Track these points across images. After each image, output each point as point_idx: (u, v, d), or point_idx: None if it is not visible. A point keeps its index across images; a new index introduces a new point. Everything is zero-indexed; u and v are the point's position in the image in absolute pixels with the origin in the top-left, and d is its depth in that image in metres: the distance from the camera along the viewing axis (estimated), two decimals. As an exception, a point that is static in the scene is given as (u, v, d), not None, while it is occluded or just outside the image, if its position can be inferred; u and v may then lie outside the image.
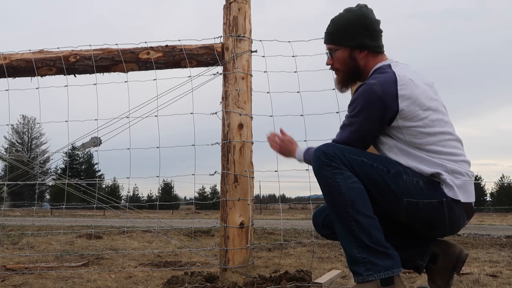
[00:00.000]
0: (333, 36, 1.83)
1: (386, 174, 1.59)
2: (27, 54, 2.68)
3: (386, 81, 1.60)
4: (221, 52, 2.56)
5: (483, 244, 5.31)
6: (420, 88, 1.62)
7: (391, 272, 1.53)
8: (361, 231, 1.54)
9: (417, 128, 1.60)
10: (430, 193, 1.58)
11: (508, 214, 26.44)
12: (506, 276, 2.81)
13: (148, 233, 6.28)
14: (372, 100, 1.59)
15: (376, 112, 1.60)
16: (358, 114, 1.64)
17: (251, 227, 2.42)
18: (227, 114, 2.47)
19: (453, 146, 1.64)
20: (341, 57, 1.82)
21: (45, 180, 23.97)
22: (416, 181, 1.59)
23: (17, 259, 3.82)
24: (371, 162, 1.61)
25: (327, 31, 1.86)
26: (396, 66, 1.69)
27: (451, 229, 1.64)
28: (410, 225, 1.67)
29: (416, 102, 1.59)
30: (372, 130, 1.66)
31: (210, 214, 24.24)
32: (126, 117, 2.58)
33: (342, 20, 1.80)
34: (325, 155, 1.61)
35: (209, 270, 2.86)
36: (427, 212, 1.58)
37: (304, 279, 2.34)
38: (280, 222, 12.17)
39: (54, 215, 22.00)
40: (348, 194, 1.56)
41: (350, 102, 1.70)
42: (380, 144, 1.74)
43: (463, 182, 1.60)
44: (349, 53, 1.79)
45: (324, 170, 1.61)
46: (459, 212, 1.60)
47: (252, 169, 2.47)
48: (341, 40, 1.80)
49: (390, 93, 1.58)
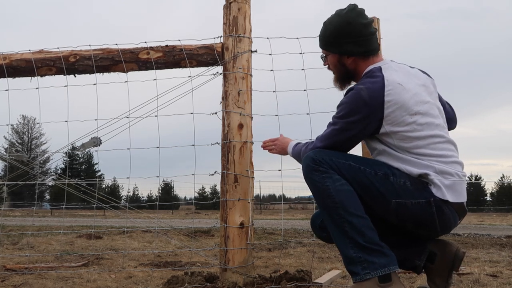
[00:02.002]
0: (322, 42, 1.87)
1: (374, 176, 1.62)
2: (27, 54, 2.68)
3: (373, 87, 1.62)
4: (221, 52, 2.56)
5: (483, 244, 5.31)
6: (409, 92, 1.63)
7: (388, 269, 1.54)
8: (354, 231, 1.56)
9: (404, 133, 1.62)
10: (417, 193, 1.60)
11: (508, 214, 26.45)
12: (506, 276, 2.81)
13: (148, 233, 6.28)
14: (358, 105, 1.62)
15: (361, 118, 1.63)
16: (343, 116, 1.67)
17: (251, 227, 2.42)
18: (227, 114, 2.47)
19: (443, 148, 1.65)
20: (331, 62, 1.87)
21: (45, 180, 23.97)
22: (403, 182, 1.60)
23: (17, 259, 3.82)
24: (358, 165, 1.64)
25: (319, 35, 1.89)
26: (386, 69, 1.69)
27: (442, 228, 1.66)
28: (401, 225, 1.68)
29: (402, 107, 1.61)
30: (355, 132, 1.68)
31: (210, 214, 24.24)
32: (126, 117, 2.58)
33: (329, 27, 1.81)
34: (313, 160, 1.65)
35: (209, 270, 2.86)
36: (416, 212, 1.60)
37: (304, 279, 2.34)
38: (280, 222, 12.17)
39: (54, 215, 22.01)
40: (337, 197, 1.59)
41: (339, 104, 1.73)
42: (371, 149, 1.78)
43: (452, 182, 1.60)
44: (338, 58, 1.83)
45: (313, 175, 1.64)
46: (448, 212, 1.61)
47: (252, 169, 2.47)
48: (330, 47, 1.84)
49: (376, 99, 1.60)
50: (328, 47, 1.84)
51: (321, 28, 1.87)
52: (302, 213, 26.01)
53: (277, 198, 48.65)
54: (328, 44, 1.83)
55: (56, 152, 2.88)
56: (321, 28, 1.87)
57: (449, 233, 1.98)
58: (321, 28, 1.87)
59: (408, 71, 1.76)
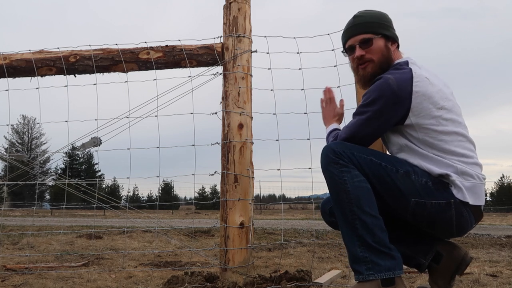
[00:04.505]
0: (370, 25, 1.78)
1: (395, 174, 1.59)
2: (27, 54, 2.68)
3: (402, 77, 1.60)
4: (221, 52, 2.56)
5: (483, 244, 5.31)
6: (435, 87, 1.63)
7: (393, 273, 1.53)
8: (365, 230, 1.54)
9: (430, 126, 1.60)
10: (438, 194, 1.57)
11: (508, 214, 26.43)
12: (506, 276, 2.81)
13: (148, 233, 6.28)
14: (386, 93, 1.59)
15: (388, 106, 1.60)
16: (370, 104, 1.63)
17: (251, 227, 2.42)
18: (227, 114, 2.47)
19: (465, 147, 1.63)
20: (378, 46, 1.76)
21: (45, 180, 23.97)
22: (424, 181, 1.58)
23: (17, 259, 3.82)
24: (379, 162, 1.61)
25: (360, 22, 1.80)
26: (413, 64, 1.70)
27: (458, 230, 1.63)
28: (417, 224, 1.66)
29: (429, 99, 1.59)
30: (381, 122, 1.64)
31: (210, 214, 24.24)
32: (126, 117, 2.58)
33: (372, 13, 1.81)
34: (334, 152, 1.61)
35: (209, 270, 2.86)
36: (435, 213, 1.58)
37: (304, 279, 2.34)
38: (280, 222, 12.16)
39: (54, 215, 22.00)
40: (354, 193, 1.56)
41: (365, 93, 1.69)
42: (391, 144, 1.74)
43: (472, 184, 1.58)
44: (385, 42, 1.78)
45: (332, 167, 1.61)
46: (466, 214, 1.59)
47: (252, 169, 2.47)
48: (379, 29, 1.77)
49: (404, 89, 1.58)
50: (378, 30, 1.77)
51: (352, 20, 1.82)
52: (302, 213, 26.01)
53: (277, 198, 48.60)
54: (378, 26, 1.77)
55: (56, 152, 2.88)
56: (352, 20, 1.82)
57: (463, 235, 1.96)
58: (352, 20, 1.82)
59: (431, 71, 1.76)
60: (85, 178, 36.65)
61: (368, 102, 1.64)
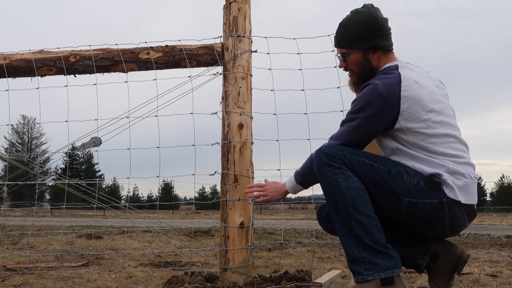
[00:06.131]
0: (345, 40, 1.81)
1: (387, 174, 1.60)
2: (27, 54, 2.68)
3: (390, 82, 1.61)
4: (221, 52, 2.56)
5: (483, 244, 5.31)
6: (425, 89, 1.63)
7: (391, 272, 1.53)
8: (361, 231, 1.54)
9: (419, 129, 1.61)
10: (430, 193, 1.59)
11: (508, 214, 26.45)
12: (506, 276, 2.81)
13: (148, 233, 6.28)
14: (374, 99, 1.61)
15: (377, 111, 1.61)
16: (359, 111, 1.65)
17: (251, 227, 2.42)
18: (227, 114, 2.47)
19: (456, 148, 1.64)
20: (355, 60, 1.81)
21: (45, 180, 23.97)
22: (416, 181, 1.59)
23: (17, 259, 3.82)
24: (371, 163, 1.62)
25: (338, 35, 1.84)
26: (403, 68, 1.70)
27: (452, 229, 1.65)
28: (411, 224, 1.67)
29: (418, 103, 1.60)
30: (371, 128, 1.66)
31: (210, 214, 24.24)
32: (126, 117, 2.58)
33: (352, 23, 1.79)
34: (327, 155, 1.63)
35: (209, 270, 2.86)
36: (428, 212, 1.59)
37: (304, 279, 2.34)
38: (280, 222, 12.16)
39: (54, 215, 22.00)
40: (348, 194, 1.57)
41: (354, 100, 1.71)
42: (383, 148, 1.77)
43: (464, 183, 1.60)
44: (363, 55, 1.79)
45: (325, 169, 1.62)
46: (459, 213, 1.61)
47: (252, 169, 2.47)
48: (354, 43, 1.79)
49: (393, 93, 1.59)
50: (352, 44, 1.79)
51: (337, 29, 1.84)
52: (302, 213, 26.02)
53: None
54: (352, 40, 1.79)
55: (56, 152, 2.88)
56: (337, 29, 1.84)
57: (457, 234, 1.97)
58: (337, 29, 1.84)
59: (424, 73, 1.76)
60: (85, 178, 36.66)
61: (357, 108, 1.66)
